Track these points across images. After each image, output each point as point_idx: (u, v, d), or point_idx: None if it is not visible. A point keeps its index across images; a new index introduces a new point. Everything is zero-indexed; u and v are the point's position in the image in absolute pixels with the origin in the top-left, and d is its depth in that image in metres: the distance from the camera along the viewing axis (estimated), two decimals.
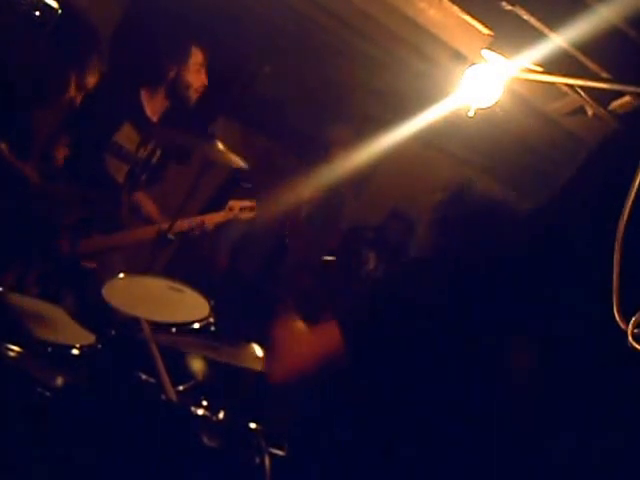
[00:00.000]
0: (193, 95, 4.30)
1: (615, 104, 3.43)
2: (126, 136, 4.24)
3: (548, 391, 2.15)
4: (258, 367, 2.60)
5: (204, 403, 2.93)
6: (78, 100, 3.47)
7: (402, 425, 2.12)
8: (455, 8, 3.31)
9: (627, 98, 3.34)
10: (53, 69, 3.17)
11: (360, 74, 5.33)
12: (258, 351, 2.70)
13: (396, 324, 2.09)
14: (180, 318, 3.30)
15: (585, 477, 2.06)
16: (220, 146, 3.62)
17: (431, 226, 2.45)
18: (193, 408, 2.88)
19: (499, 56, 3.22)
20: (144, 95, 4.26)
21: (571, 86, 3.41)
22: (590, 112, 3.58)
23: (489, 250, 2.22)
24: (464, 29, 3.37)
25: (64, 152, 3.93)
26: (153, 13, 4.35)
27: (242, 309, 4.77)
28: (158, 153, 4.37)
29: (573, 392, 2.12)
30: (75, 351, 3.04)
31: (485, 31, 3.23)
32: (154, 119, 4.31)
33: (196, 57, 4.25)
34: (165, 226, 3.92)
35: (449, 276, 2.19)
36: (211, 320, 3.35)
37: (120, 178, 4.26)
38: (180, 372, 3.04)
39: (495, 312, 2.17)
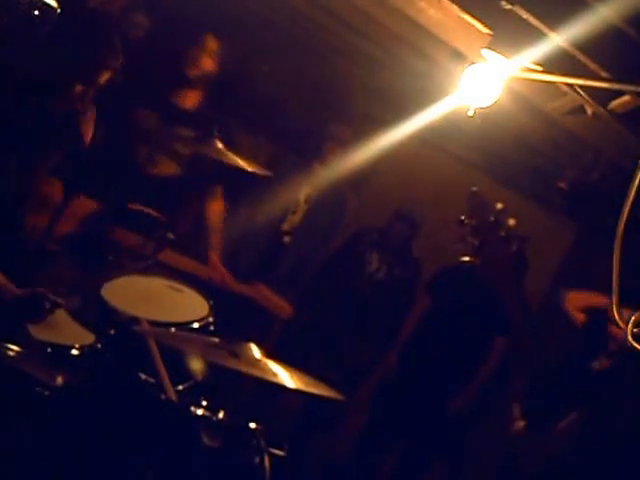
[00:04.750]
0: (196, 73, 4.35)
1: (615, 103, 3.43)
2: (144, 117, 4.34)
3: None
4: (256, 370, 2.59)
5: (204, 403, 2.93)
6: (90, 94, 3.46)
7: None
8: (455, 7, 3.31)
9: (627, 97, 3.34)
10: (61, 62, 3.16)
11: (360, 74, 5.33)
12: (256, 351, 2.69)
13: None
14: (180, 318, 3.30)
15: None
16: (219, 145, 3.59)
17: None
18: (193, 408, 2.88)
19: (499, 55, 3.22)
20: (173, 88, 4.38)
21: (571, 85, 3.40)
22: (590, 111, 3.58)
23: None
24: (463, 28, 3.36)
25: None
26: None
27: (240, 308, 4.78)
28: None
29: None
30: (75, 351, 3.04)
31: (485, 30, 3.23)
32: (184, 105, 4.39)
33: (209, 43, 4.33)
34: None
35: None
36: (210, 320, 3.35)
37: (141, 158, 4.35)
38: (180, 372, 3.04)
39: None
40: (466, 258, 2.38)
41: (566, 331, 3.58)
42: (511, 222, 2.35)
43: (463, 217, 2.38)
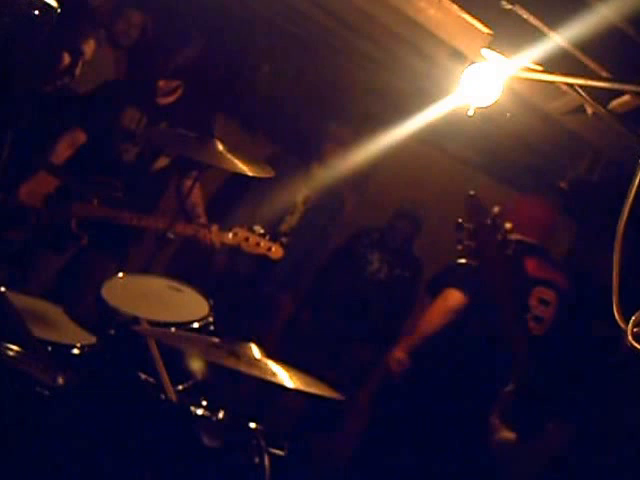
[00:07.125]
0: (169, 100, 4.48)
1: (615, 103, 3.43)
2: (130, 117, 4.39)
3: None
4: (256, 370, 2.60)
5: (204, 403, 2.93)
6: (77, 69, 3.47)
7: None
8: (454, 7, 3.31)
9: (627, 97, 3.34)
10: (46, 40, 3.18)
11: (360, 73, 5.33)
12: (256, 351, 2.69)
13: None
14: (179, 317, 3.30)
15: None
16: (220, 147, 3.55)
17: None
18: (193, 408, 2.88)
19: (499, 55, 3.22)
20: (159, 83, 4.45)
21: (571, 85, 3.40)
22: (590, 111, 3.57)
23: None
24: (463, 28, 3.36)
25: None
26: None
27: (240, 308, 4.78)
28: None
29: None
30: (75, 351, 3.04)
31: (485, 30, 3.23)
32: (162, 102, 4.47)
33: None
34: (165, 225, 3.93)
35: None
36: (210, 319, 3.35)
37: (129, 158, 4.41)
38: (180, 372, 3.04)
39: None
40: (463, 261, 2.45)
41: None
42: (508, 226, 2.43)
43: (461, 220, 2.47)
